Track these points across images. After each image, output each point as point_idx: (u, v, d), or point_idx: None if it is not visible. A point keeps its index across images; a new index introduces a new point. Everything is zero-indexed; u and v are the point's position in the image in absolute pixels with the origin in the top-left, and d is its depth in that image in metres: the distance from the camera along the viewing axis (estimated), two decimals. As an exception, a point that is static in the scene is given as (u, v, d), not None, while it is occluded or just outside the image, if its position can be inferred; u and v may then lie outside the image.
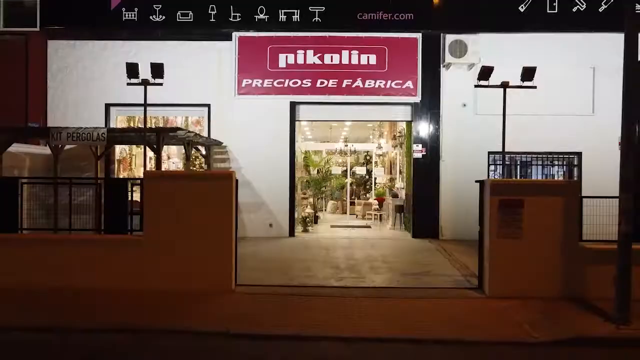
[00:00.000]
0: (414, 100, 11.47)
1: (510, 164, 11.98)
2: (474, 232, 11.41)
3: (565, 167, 12.37)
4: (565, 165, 12.27)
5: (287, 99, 11.49)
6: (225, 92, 11.50)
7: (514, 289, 6.49)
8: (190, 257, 6.65)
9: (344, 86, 11.43)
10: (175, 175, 6.95)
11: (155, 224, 6.64)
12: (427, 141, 11.51)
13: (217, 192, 6.69)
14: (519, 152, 11.57)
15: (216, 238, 6.69)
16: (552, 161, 12.19)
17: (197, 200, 6.65)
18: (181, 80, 11.43)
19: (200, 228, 6.63)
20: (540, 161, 11.86)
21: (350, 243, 10.89)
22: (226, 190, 6.69)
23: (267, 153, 11.50)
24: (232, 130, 11.49)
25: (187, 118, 12.45)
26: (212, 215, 6.66)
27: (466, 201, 11.19)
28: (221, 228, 6.70)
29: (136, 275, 6.59)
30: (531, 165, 12.24)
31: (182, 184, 6.71)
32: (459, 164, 11.42)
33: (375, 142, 16.69)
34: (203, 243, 6.65)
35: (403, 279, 7.60)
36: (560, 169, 12.58)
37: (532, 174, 12.30)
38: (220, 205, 6.69)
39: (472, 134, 11.41)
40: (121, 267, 6.60)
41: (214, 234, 6.68)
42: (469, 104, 11.43)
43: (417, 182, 11.58)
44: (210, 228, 6.66)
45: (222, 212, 6.69)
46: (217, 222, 6.69)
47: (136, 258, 6.62)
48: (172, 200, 6.64)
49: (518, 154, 11.67)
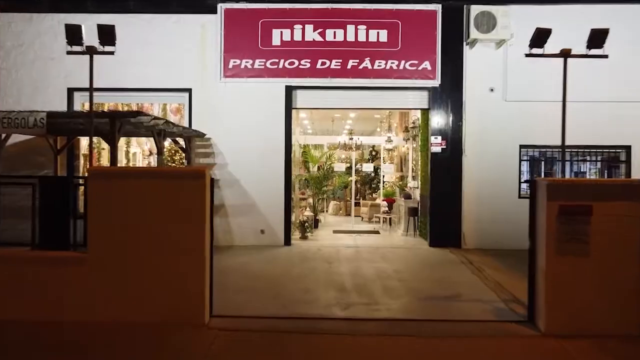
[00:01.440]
0: (432, 84, 9.94)
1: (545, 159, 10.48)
2: (503, 240, 9.86)
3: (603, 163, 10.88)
4: (604, 160, 10.78)
5: (282, 82, 9.98)
6: (209, 74, 10.00)
7: (580, 323, 5.04)
8: (148, 279, 5.16)
9: (349, 67, 9.92)
10: (131, 173, 5.47)
11: (102, 237, 5.15)
12: (448, 133, 10.00)
13: (186, 194, 5.19)
14: (553, 146, 10.05)
15: (184, 254, 5.20)
16: (585, 156, 10.70)
17: (159, 205, 5.17)
18: (157, 60, 9.97)
19: (162, 241, 5.15)
20: (569, 156, 10.38)
21: (357, 253, 9.39)
22: (197, 192, 5.19)
23: (259, 147, 10.00)
24: (217, 120, 9.99)
25: (165, 105, 10.94)
26: (179, 225, 5.17)
27: (493, 204, 9.77)
28: (191, 241, 5.21)
29: (77, 304, 5.11)
30: (557, 161, 10.73)
31: (139, 184, 5.21)
32: (485, 160, 9.93)
33: (383, 134, 15.14)
34: (167, 261, 5.17)
35: (427, 305, 6.11)
36: (593, 166, 11.13)
37: (557, 172, 10.81)
38: (190, 211, 5.19)
39: (501, 123, 9.91)
40: (58, 294, 5.12)
41: (182, 249, 5.19)
42: (497, 89, 9.90)
43: (435, 181, 10.07)
44: (176, 241, 5.18)
45: (192, 220, 5.20)
46: (185, 232, 5.20)
47: (77, 281, 5.14)
48: (126, 205, 5.15)
49: (553, 149, 10.14)
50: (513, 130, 9.89)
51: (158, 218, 5.18)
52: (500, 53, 9.86)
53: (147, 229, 5.17)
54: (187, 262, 5.21)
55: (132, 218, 5.16)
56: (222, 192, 10.03)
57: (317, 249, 9.73)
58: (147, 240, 5.17)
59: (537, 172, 10.67)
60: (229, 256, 8.87)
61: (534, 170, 10.47)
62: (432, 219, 10.09)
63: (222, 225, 10.02)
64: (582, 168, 11.44)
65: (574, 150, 10.27)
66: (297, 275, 7.46)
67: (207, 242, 5.32)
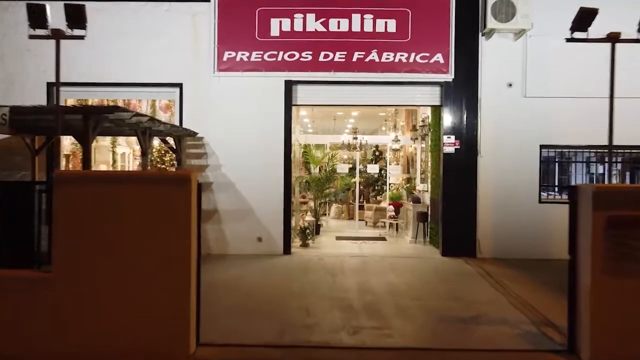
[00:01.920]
0: (445, 78, 9.22)
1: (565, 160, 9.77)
2: (522, 249, 8.98)
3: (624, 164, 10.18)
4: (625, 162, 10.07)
5: (281, 76, 9.26)
6: (202, 68, 9.27)
7: (631, 354, 4.30)
8: (125, 303, 4.44)
9: (354, 60, 9.20)
10: (104, 178, 4.73)
11: (69, 253, 4.42)
12: (462, 132, 9.27)
13: (169, 202, 4.46)
14: (576, 146, 9.35)
15: (167, 273, 4.47)
16: (604, 158, 9.98)
17: (137, 216, 4.44)
18: (145, 52, 9.25)
19: (141, 258, 4.42)
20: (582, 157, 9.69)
21: (363, 263, 8.66)
22: (182, 199, 4.46)
23: (256, 146, 9.28)
24: (211, 117, 9.28)
25: (154, 102, 10.22)
26: (161, 238, 4.44)
27: (511, 209, 9.07)
28: (174, 257, 4.47)
29: (39, 334, 4.38)
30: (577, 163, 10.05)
31: (113, 191, 4.48)
32: (502, 161, 9.22)
33: (389, 133, 14.40)
34: (146, 281, 4.44)
35: (447, 329, 5.38)
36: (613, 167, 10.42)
37: (573, 176, 10.11)
38: (174, 222, 4.47)
39: (520, 122, 9.20)
40: (14, 321, 4.39)
41: (164, 267, 4.46)
42: (516, 84, 9.18)
43: (447, 184, 9.35)
44: (157, 257, 4.45)
45: (176, 233, 4.47)
46: (168, 247, 4.47)
47: (41, 305, 4.41)
48: (98, 216, 4.43)
49: (577, 149, 9.43)
50: (533, 129, 9.17)
51: (136, 231, 4.45)
52: (520, 45, 9.14)
53: (123, 244, 4.45)
54: (171, 282, 4.49)
55: (105, 231, 4.43)
56: (216, 196, 9.31)
57: (319, 259, 9.01)
58: (122, 257, 4.44)
59: (559, 175, 9.98)
60: (222, 268, 8.15)
61: (549, 172, 9.76)
62: (445, 226, 9.37)
63: (215, 232, 9.29)
64: (599, 170, 10.76)
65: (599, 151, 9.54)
66: (297, 292, 6.73)
67: (193, 258, 4.59)
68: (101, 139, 11.31)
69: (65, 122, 5.46)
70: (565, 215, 9.07)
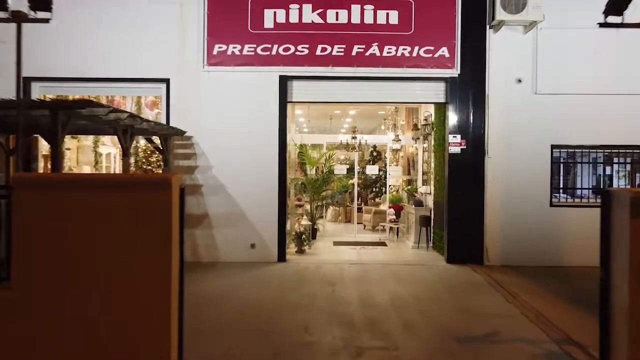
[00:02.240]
0: (451, 73, 8.72)
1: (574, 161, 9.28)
2: (533, 256, 8.46)
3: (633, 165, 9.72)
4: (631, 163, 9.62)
5: (275, 71, 8.72)
6: (190, 62, 8.72)
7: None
8: (94, 326, 3.86)
9: (353, 54, 8.67)
10: (70, 182, 4.15)
11: (31, 268, 3.84)
12: (468, 131, 8.76)
13: (144, 210, 3.87)
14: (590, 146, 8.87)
15: (143, 291, 3.90)
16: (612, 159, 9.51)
17: (110, 225, 3.86)
18: (129, 45, 8.70)
19: (113, 273, 3.85)
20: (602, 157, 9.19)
21: (364, 272, 8.13)
22: (160, 207, 3.87)
23: (249, 146, 8.74)
24: (200, 115, 8.72)
25: (139, 99, 9.65)
26: (134, 251, 3.87)
27: (521, 213, 8.61)
28: (152, 272, 3.89)
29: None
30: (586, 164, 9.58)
31: (82, 197, 3.91)
32: (511, 162, 8.72)
33: (388, 133, 13.88)
34: (119, 300, 3.87)
35: (461, 350, 4.86)
36: (622, 168, 9.96)
37: (579, 177, 9.62)
38: (151, 232, 3.88)
39: (530, 120, 8.71)
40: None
41: (138, 284, 3.89)
42: (526, 80, 8.68)
43: (453, 186, 8.84)
44: (132, 273, 3.87)
45: (154, 245, 3.88)
46: (145, 261, 3.89)
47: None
48: (64, 225, 3.85)
49: (590, 149, 8.95)
50: (544, 127, 8.68)
51: (107, 243, 3.88)
52: (529, 38, 8.65)
53: (93, 257, 3.87)
54: (148, 302, 3.92)
55: (72, 242, 3.86)
56: (206, 200, 8.75)
57: (317, 267, 8.46)
58: (92, 273, 3.87)
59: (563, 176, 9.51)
60: (211, 278, 7.59)
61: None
62: (450, 231, 8.85)
63: (206, 238, 8.74)
64: (607, 171, 10.29)
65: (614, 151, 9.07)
66: (293, 305, 6.18)
67: (174, 273, 4.01)
68: (84, 138, 10.75)
69: (32, 118, 4.90)
70: (578, 220, 8.74)
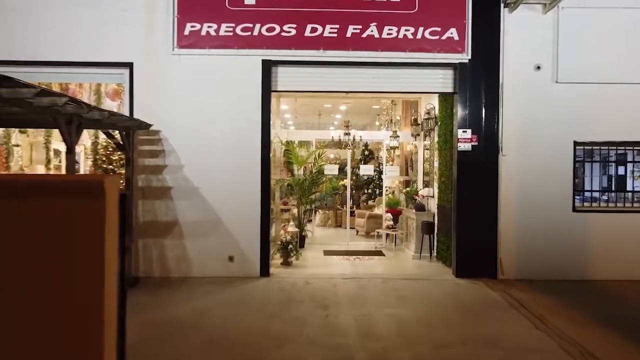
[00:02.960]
0: (460, 59, 7.71)
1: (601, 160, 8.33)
2: (554, 268, 7.56)
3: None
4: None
5: (257, 55, 7.63)
6: (158, 44, 7.60)
7: None
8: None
9: (348, 36, 7.62)
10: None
11: None
12: (480, 125, 7.77)
13: (66, 223, 2.76)
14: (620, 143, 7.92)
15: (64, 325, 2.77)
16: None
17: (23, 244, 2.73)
18: (86, 23, 7.55)
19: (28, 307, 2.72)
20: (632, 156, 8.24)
21: (360, 289, 7.07)
22: (88, 219, 2.76)
23: (226, 143, 7.65)
24: (169, 106, 7.60)
25: (98, 87, 8.48)
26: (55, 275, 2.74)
27: (540, 219, 7.68)
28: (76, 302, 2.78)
29: None
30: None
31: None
32: (529, 161, 7.76)
33: (383, 129, 12.83)
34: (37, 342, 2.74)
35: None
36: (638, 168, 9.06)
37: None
38: (77, 253, 2.76)
39: (550, 113, 7.74)
40: None
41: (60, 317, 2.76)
42: (545, 66, 7.71)
43: (462, 188, 7.83)
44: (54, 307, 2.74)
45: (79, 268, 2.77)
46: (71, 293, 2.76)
47: None
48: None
49: (619, 146, 8.00)
50: (566, 121, 7.72)
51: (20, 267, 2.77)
52: (550, 19, 7.69)
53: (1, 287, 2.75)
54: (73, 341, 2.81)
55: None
56: (176, 204, 7.62)
57: (305, 282, 7.38)
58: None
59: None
60: (179, 298, 6.48)
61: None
62: (459, 239, 7.84)
63: (176, 249, 7.61)
64: (619, 171, 9.38)
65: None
66: (277, 336, 5.09)
67: (108, 303, 2.91)
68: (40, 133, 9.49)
69: None
70: (607, 227, 7.79)
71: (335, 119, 16.78)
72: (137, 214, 7.59)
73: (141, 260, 7.60)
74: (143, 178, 7.64)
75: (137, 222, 7.58)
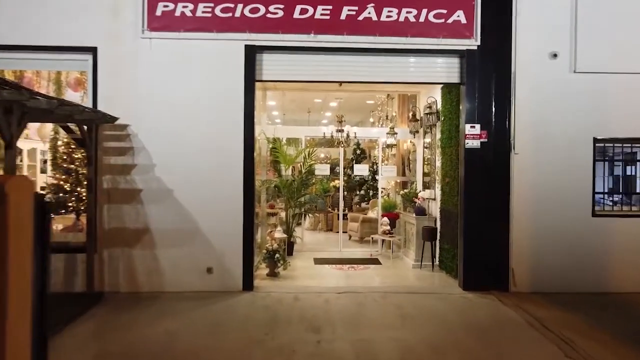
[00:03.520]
0: (468, 45, 6.94)
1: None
2: (572, 280, 6.84)
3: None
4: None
5: (239, 39, 6.79)
6: (126, 26, 6.73)
7: None
8: None
9: (343, 18, 6.81)
10: None
11: None
12: (489, 119, 7.00)
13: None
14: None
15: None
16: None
17: None
18: (45, 5, 6.62)
19: None
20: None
21: (357, 306, 6.25)
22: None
23: (204, 139, 6.80)
24: (139, 98, 6.73)
25: (58, 75, 7.57)
26: None
27: (556, 224, 6.98)
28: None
29: None
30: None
31: None
32: (544, 160, 7.01)
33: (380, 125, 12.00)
34: None
35: None
36: None
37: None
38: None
39: (568, 106, 7.00)
40: None
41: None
42: (563, 54, 6.97)
43: (469, 190, 7.05)
44: None
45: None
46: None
47: None
48: None
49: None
50: (585, 115, 6.99)
51: None
52: (567, 0, 6.94)
53: None
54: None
55: None
56: (147, 210, 6.75)
57: (294, 298, 6.54)
58: None
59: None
60: (148, 318, 5.61)
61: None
62: (467, 247, 7.06)
63: (146, 260, 6.74)
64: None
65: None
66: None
67: (14, 332, 2.10)
68: None
69: None
70: (631, 234, 7.08)
71: (325, 117, 15.98)
72: (102, 220, 6.71)
73: (106, 273, 6.71)
74: (109, 179, 6.75)
75: (102, 229, 6.69)
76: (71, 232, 7.27)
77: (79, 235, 7.03)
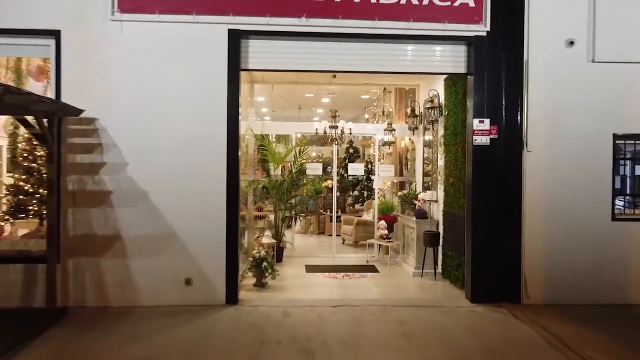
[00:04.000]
0: (477, 31, 6.31)
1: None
2: (590, 290, 6.22)
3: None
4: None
5: (222, 23, 6.10)
6: (94, 6, 6.01)
7: None
8: None
9: (337, 0, 6.14)
10: None
11: None
12: (499, 114, 6.37)
13: None
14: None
15: None
16: None
17: None
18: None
19: None
20: None
21: (355, 322, 5.60)
22: None
23: (183, 135, 6.10)
24: (108, 88, 6.02)
25: (18, 62, 6.84)
26: None
27: (572, 229, 6.35)
28: None
29: None
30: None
31: None
32: (559, 158, 6.41)
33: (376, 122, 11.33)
34: None
35: None
36: None
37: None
38: None
39: (585, 99, 6.39)
40: None
41: None
42: (580, 41, 6.36)
43: (477, 192, 6.42)
44: None
45: None
46: None
47: None
48: None
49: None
50: (604, 109, 6.39)
51: None
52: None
53: None
54: None
55: None
56: (117, 214, 6.04)
57: (284, 313, 5.87)
58: None
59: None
60: (118, 339, 4.91)
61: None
62: (475, 255, 6.42)
63: (118, 271, 6.04)
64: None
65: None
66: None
67: None
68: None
69: None
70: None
71: (317, 114, 15.32)
72: (67, 226, 5.99)
73: (71, 285, 6.00)
74: (74, 179, 6.03)
75: (67, 236, 5.98)
76: (33, 239, 6.54)
77: (41, 243, 6.30)
